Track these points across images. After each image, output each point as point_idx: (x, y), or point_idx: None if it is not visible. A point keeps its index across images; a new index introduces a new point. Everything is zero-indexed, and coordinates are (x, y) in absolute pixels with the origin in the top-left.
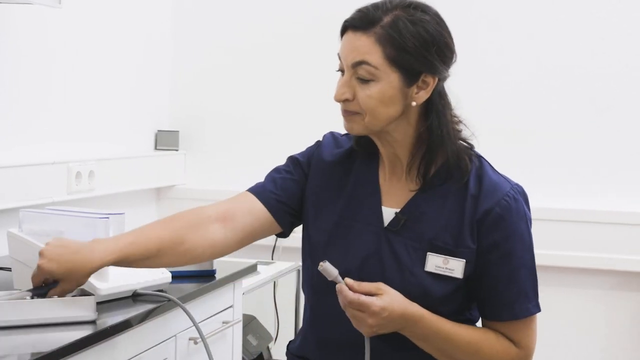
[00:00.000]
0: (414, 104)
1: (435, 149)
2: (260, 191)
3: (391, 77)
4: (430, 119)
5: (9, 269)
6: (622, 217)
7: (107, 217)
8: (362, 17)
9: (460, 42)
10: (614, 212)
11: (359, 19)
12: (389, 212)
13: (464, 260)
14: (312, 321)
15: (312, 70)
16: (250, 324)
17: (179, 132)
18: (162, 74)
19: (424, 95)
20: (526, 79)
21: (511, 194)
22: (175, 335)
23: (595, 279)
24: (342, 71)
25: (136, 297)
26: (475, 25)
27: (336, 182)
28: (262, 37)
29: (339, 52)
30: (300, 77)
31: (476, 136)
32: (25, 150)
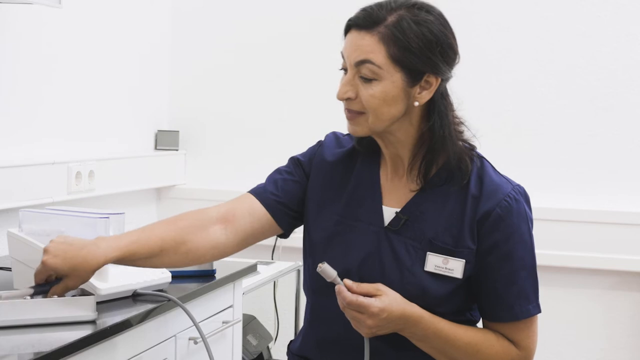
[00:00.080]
0: (417, 104)
1: (436, 149)
2: (260, 192)
3: (394, 77)
4: (432, 119)
5: (9, 269)
6: (622, 217)
7: (107, 217)
8: (366, 16)
9: (460, 42)
10: (614, 212)
11: (363, 18)
12: (389, 212)
13: (464, 260)
14: (312, 321)
15: (312, 70)
16: (250, 323)
17: (179, 132)
18: (162, 73)
19: (426, 95)
20: (526, 79)
21: (512, 195)
22: (175, 335)
23: (594, 278)
24: (345, 70)
25: (136, 297)
26: (475, 25)
27: (337, 182)
28: (262, 37)
29: (342, 51)
30: (300, 77)
31: (477, 138)
32: (25, 150)
